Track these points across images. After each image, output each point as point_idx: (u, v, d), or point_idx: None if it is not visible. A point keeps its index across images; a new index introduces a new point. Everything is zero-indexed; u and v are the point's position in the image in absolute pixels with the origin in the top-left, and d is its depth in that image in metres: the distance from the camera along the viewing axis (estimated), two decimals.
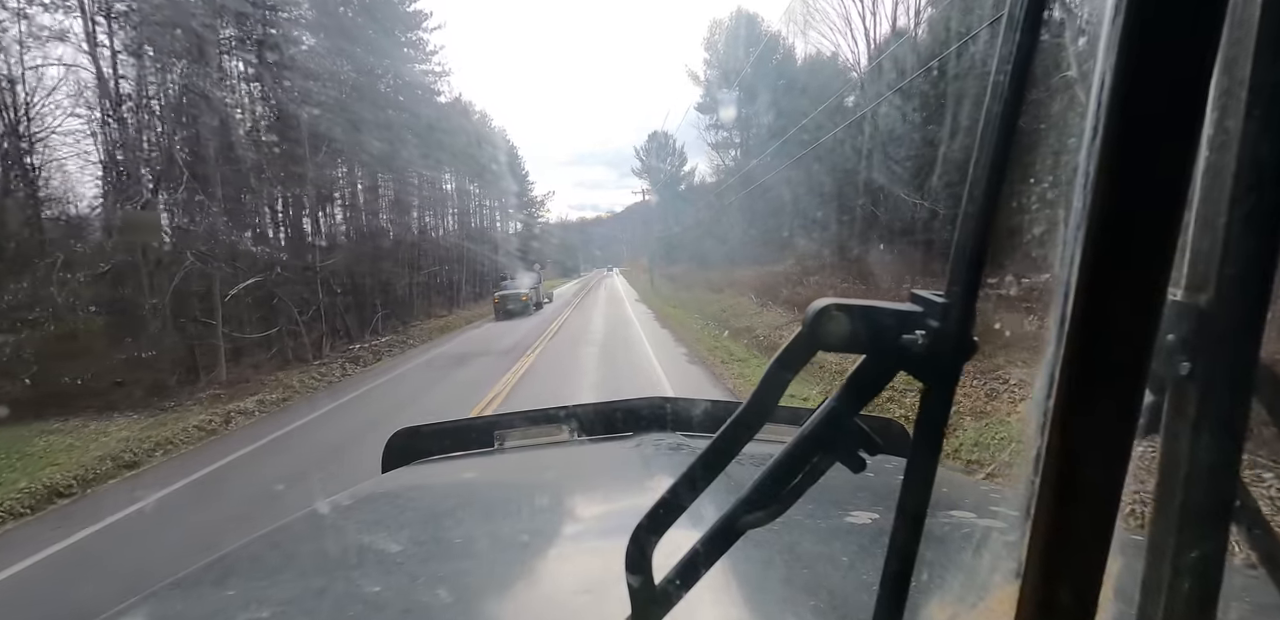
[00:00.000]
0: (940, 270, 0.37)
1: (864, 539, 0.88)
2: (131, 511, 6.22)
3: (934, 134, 12.48)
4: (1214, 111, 0.31)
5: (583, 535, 1.06)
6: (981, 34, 9.84)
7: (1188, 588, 0.34)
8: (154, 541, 5.40)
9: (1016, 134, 0.35)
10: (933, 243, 12.36)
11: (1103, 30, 0.30)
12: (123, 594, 0.94)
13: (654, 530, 0.43)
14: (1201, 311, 0.33)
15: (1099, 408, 0.31)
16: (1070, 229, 0.32)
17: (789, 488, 0.41)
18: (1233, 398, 0.33)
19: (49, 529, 5.98)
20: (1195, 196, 0.33)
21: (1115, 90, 0.29)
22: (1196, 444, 0.33)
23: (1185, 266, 0.34)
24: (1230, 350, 0.33)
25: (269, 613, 0.83)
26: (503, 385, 10.36)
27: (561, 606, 0.79)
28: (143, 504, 6.38)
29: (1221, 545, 0.34)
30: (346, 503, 1.33)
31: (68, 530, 5.83)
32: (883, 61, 15.19)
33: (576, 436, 1.65)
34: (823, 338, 0.37)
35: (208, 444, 8.98)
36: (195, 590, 0.97)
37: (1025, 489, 0.34)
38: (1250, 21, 0.30)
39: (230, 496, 6.46)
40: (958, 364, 0.37)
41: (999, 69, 0.34)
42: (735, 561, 0.79)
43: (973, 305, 0.36)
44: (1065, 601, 0.33)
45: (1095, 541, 0.32)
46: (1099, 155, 0.30)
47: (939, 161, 11.57)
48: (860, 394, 0.39)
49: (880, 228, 15.11)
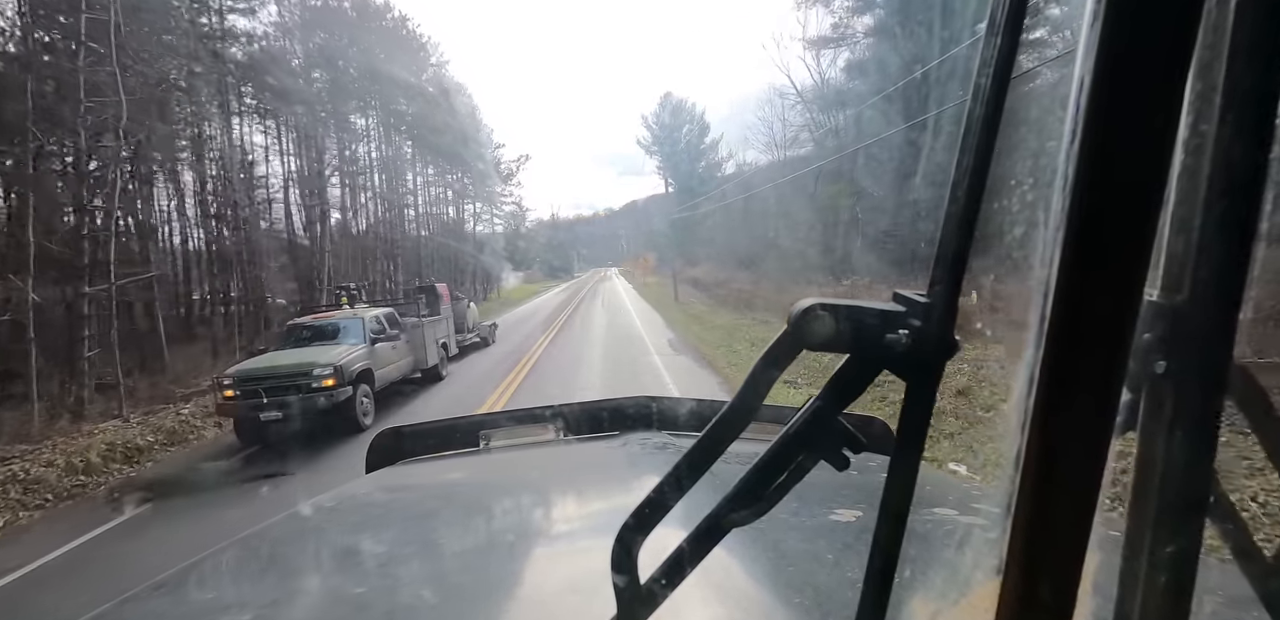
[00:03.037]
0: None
1: (848, 536, 0.89)
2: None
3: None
4: (1189, 115, 0.32)
5: (568, 535, 1.06)
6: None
7: (1164, 582, 0.35)
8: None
9: (998, 136, 0.35)
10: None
11: (1081, 35, 0.30)
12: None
13: (639, 529, 0.43)
14: (1177, 311, 0.34)
15: (1077, 406, 0.32)
16: (1049, 230, 0.32)
17: (774, 486, 0.41)
18: (1207, 395, 0.34)
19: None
20: (1170, 199, 0.33)
21: (1093, 94, 0.30)
22: (1172, 441, 0.34)
23: (1161, 267, 0.34)
24: (1204, 349, 0.34)
25: (251, 615, 0.82)
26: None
27: (547, 606, 0.78)
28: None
29: (1196, 540, 0.35)
30: (330, 504, 1.32)
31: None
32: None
33: (563, 436, 1.64)
34: (807, 337, 0.38)
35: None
36: (176, 593, 0.95)
37: (1006, 486, 0.34)
38: (1224, 28, 0.31)
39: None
40: (939, 363, 0.38)
41: (980, 72, 0.35)
42: (721, 560, 0.79)
43: (954, 305, 0.37)
44: (1045, 596, 0.33)
45: (1074, 537, 0.33)
46: (1077, 158, 0.30)
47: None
48: (844, 393, 0.39)
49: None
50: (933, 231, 0.37)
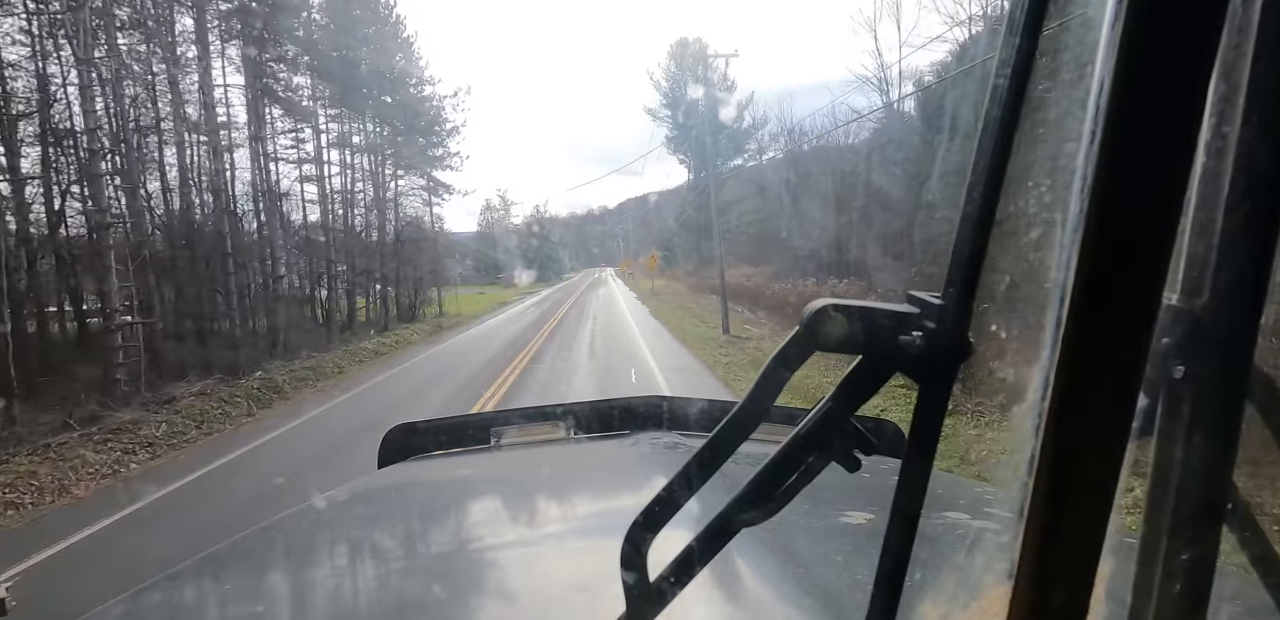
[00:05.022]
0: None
1: (858, 538, 0.88)
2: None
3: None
4: (1211, 117, 0.32)
5: (578, 533, 1.07)
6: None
7: (1179, 589, 0.34)
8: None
9: (1015, 137, 0.35)
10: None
11: (1102, 35, 0.30)
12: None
13: (649, 528, 0.43)
14: (1196, 316, 0.33)
15: (1093, 410, 0.32)
16: (1067, 232, 0.32)
17: (784, 487, 0.41)
18: (1226, 401, 0.34)
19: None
20: (1191, 202, 0.33)
21: (1114, 95, 0.29)
22: (1190, 447, 0.34)
23: (1181, 271, 0.34)
24: (1224, 354, 0.33)
25: (264, 606, 0.83)
26: None
27: (557, 603, 0.79)
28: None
29: (1213, 548, 0.34)
30: (342, 498, 1.33)
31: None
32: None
33: (574, 434, 1.65)
34: (820, 338, 0.38)
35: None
36: (191, 583, 0.97)
37: (1019, 490, 0.34)
38: (1249, 28, 0.30)
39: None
40: (953, 365, 0.37)
41: (998, 72, 0.34)
42: (730, 560, 0.79)
43: (969, 307, 0.36)
44: (1057, 602, 0.33)
45: (1088, 543, 0.33)
46: (1097, 159, 0.30)
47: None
48: (856, 394, 0.39)
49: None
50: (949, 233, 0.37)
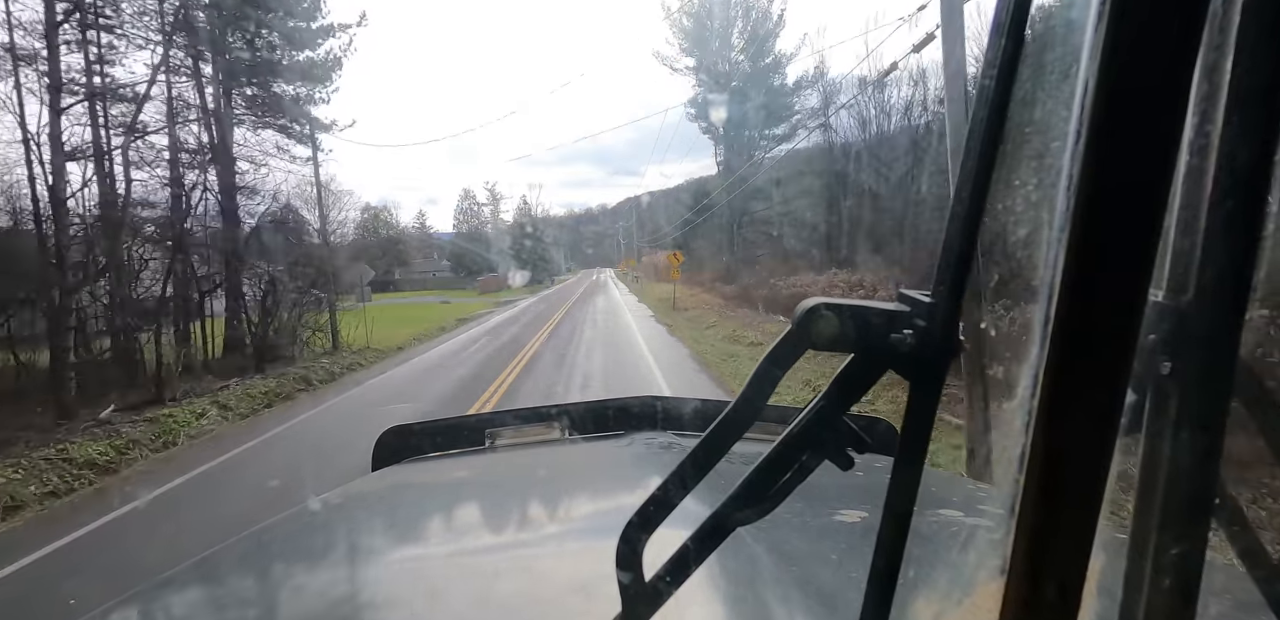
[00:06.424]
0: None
1: (852, 537, 0.89)
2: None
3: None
4: (1194, 116, 0.32)
5: (574, 533, 1.06)
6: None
7: (1169, 584, 0.35)
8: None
9: (1003, 137, 0.35)
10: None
11: (1086, 36, 0.30)
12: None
13: (644, 528, 0.43)
14: (1182, 312, 0.34)
15: (1082, 407, 0.32)
16: (1054, 231, 0.32)
17: (778, 486, 0.41)
18: (1213, 397, 0.34)
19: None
20: (1176, 200, 0.33)
21: (1098, 95, 0.30)
22: (1177, 442, 0.34)
23: (1166, 268, 0.34)
24: (1210, 350, 0.34)
25: (257, 611, 0.82)
26: None
27: (552, 604, 0.79)
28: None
29: (1202, 542, 0.35)
30: (336, 501, 1.32)
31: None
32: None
33: (568, 435, 1.65)
34: (812, 337, 0.38)
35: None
36: (184, 588, 0.96)
37: (1010, 487, 0.34)
38: (1230, 28, 0.31)
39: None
40: (944, 363, 0.38)
41: (985, 73, 0.35)
42: (725, 559, 0.79)
43: (959, 305, 0.37)
44: (1049, 598, 0.33)
45: (1078, 539, 0.33)
46: (1083, 158, 0.30)
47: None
48: (849, 393, 0.40)
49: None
50: (937, 232, 0.37)
